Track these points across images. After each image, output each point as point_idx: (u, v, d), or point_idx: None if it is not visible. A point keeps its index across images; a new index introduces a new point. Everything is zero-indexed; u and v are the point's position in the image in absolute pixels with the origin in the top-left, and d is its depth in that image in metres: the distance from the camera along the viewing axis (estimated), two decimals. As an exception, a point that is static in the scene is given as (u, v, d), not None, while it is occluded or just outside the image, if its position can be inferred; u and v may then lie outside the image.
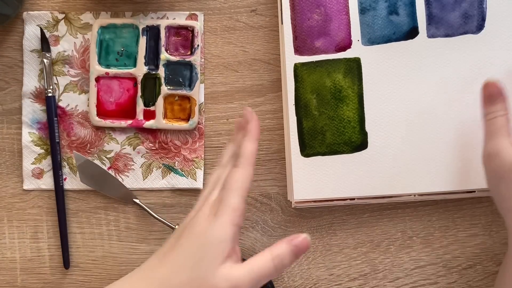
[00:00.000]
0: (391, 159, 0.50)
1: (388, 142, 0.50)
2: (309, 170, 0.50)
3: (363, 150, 0.50)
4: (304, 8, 0.50)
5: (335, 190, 0.50)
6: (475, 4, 0.50)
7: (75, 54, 0.53)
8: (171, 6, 0.53)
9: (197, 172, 0.53)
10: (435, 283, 0.53)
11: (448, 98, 0.50)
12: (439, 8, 0.50)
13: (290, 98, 0.50)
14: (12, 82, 0.53)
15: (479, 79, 0.48)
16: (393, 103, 0.50)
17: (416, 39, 0.50)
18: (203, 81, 0.53)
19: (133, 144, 0.53)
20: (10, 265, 0.53)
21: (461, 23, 0.50)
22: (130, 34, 0.52)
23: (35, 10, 0.53)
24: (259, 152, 0.53)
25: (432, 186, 0.50)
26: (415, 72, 0.50)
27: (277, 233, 0.53)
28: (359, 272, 0.53)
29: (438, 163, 0.50)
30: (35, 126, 0.53)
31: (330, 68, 0.50)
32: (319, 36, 0.50)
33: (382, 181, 0.50)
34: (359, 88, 0.50)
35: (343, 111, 0.50)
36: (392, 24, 0.50)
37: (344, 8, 0.50)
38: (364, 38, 0.50)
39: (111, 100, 0.53)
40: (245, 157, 0.42)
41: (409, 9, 0.50)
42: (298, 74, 0.50)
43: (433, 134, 0.50)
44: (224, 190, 0.41)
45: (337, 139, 0.50)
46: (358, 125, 0.50)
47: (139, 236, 0.53)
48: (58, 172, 0.52)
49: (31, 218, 0.53)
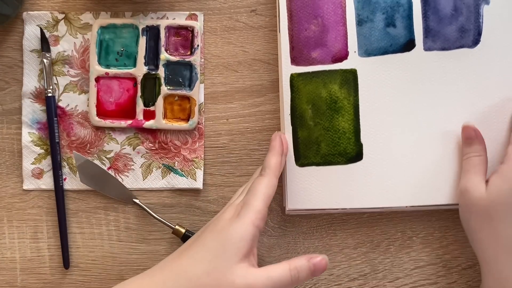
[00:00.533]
0: (386, 171, 0.50)
1: (383, 154, 0.50)
2: (303, 180, 0.50)
3: (358, 162, 0.50)
4: (302, 18, 0.50)
5: (329, 201, 0.50)
6: (471, 19, 0.50)
7: (75, 54, 0.53)
8: (171, 6, 0.53)
9: (197, 172, 0.53)
10: (435, 283, 0.53)
11: (443, 111, 0.50)
12: (436, 22, 0.50)
13: (286, 108, 0.50)
14: (12, 82, 0.53)
15: (474, 93, 0.50)
16: (388, 115, 0.50)
17: (412, 52, 0.50)
18: (203, 81, 0.53)
19: (133, 144, 0.53)
20: (10, 265, 0.53)
21: (457, 37, 0.50)
22: (130, 34, 0.52)
23: (35, 10, 0.53)
24: (259, 152, 0.53)
25: (428, 199, 0.50)
26: (411, 84, 0.50)
27: (277, 233, 0.53)
28: (359, 272, 0.53)
29: (434, 175, 0.50)
30: (35, 126, 0.53)
31: (326, 79, 0.50)
32: (316, 47, 0.50)
33: (377, 193, 0.50)
34: (355, 100, 0.50)
35: (338, 122, 0.50)
36: (389, 36, 0.50)
37: (341, 19, 0.50)
38: (361, 50, 0.50)
39: (111, 100, 0.53)
40: (270, 168, 0.46)
41: (406, 21, 0.50)
42: (294, 84, 0.50)
43: (428, 147, 0.50)
44: (248, 194, 0.44)
45: (332, 150, 0.50)
46: (353, 136, 0.50)
47: (139, 236, 0.53)
48: (58, 172, 0.52)
49: (31, 218, 0.53)
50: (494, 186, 0.46)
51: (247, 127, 0.53)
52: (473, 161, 0.48)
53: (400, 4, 0.50)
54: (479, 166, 0.48)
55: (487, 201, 0.46)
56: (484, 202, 0.46)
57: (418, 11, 0.50)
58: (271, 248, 0.53)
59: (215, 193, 0.53)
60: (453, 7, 0.50)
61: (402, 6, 0.50)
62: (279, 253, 0.53)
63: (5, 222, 0.53)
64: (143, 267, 0.53)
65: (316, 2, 0.50)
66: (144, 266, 0.53)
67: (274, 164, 0.46)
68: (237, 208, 0.44)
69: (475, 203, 0.47)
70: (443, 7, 0.50)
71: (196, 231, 0.52)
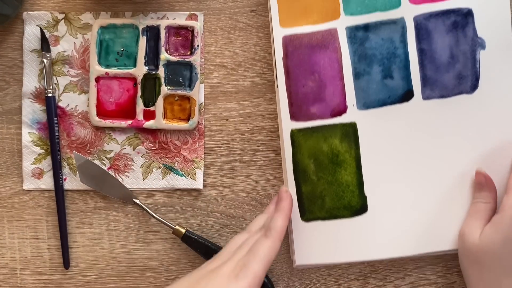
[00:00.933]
0: (391, 221, 0.50)
1: (388, 204, 0.50)
2: (310, 234, 0.50)
3: (363, 214, 0.50)
4: (299, 75, 0.50)
5: (336, 254, 0.50)
6: (468, 65, 0.50)
7: (75, 54, 0.53)
8: (171, 6, 0.53)
9: (197, 172, 0.53)
10: (435, 283, 0.53)
11: (445, 158, 0.50)
12: (434, 70, 0.50)
13: (288, 163, 0.50)
14: (12, 82, 0.53)
15: (475, 138, 0.50)
16: (390, 166, 0.50)
17: (411, 102, 0.50)
18: (203, 81, 0.53)
19: (133, 144, 0.53)
20: (10, 265, 0.53)
21: (455, 84, 0.50)
22: (130, 34, 0.52)
23: (35, 10, 0.53)
24: (259, 152, 0.53)
25: (433, 246, 0.50)
26: (412, 134, 0.50)
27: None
28: (359, 272, 0.53)
29: (438, 223, 0.50)
30: (35, 126, 0.53)
31: (327, 133, 0.50)
32: (314, 102, 0.50)
33: (383, 244, 0.50)
34: (356, 152, 0.50)
35: (341, 176, 0.50)
36: (387, 88, 0.50)
37: (338, 74, 0.50)
38: (359, 103, 0.50)
39: (111, 100, 0.53)
40: (276, 231, 0.45)
41: (403, 72, 0.50)
42: (295, 140, 0.50)
43: (431, 195, 0.50)
44: (250, 255, 0.43)
45: (337, 204, 0.50)
46: (357, 189, 0.50)
47: (139, 236, 0.53)
48: (58, 172, 0.52)
49: (31, 218, 0.53)
50: (486, 235, 0.46)
51: (247, 127, 0.53)
52: (478, 206, 0.49)
53: (397, 55, 0.50)
54: (482, 213, 0.48)
55: (478, 248, 0.46)
56: (476, 248, 0.47)
57: (414, 61, 0.50)
58: (271, 248, 0.53)
59: (215, 193, 0.53)
60: (450, 54, 0.50)
61: (399, 57, 0.50)
62: (279, 253, 0.53)
63: (5, 222, 0.53)
64: (143, 267, 0.53)
65: (312, 58, 0.50)
66: (144, 266, 0.53)
67: (281, 227, 0.45)
68: (237, 266, 0.42)
69: (468, 248, 0.48)
70: (439, 55, 0.50)
71: (196, 231, 0.52)
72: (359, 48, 0.50)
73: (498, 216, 0.46)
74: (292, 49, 0.50)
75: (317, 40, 0.50)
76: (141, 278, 0.53)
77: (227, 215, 0.53)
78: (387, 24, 0.50)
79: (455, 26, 0.49)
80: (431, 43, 0.50)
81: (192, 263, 0.53)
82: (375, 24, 0.50)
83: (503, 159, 0.50)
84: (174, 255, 0.53)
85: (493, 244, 0.45)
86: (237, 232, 0.53)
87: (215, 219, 0.53)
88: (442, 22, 0.49)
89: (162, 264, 0.53)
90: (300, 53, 0.50)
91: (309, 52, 0.50)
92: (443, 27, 0.50)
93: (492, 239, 0.46)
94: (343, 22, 0.50)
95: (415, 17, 0.50)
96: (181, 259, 0.53)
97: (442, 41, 0.50)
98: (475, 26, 0.49)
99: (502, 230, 0.45)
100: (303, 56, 0.50)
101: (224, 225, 0.53)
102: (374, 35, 0.50)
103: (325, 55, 0.50)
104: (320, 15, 0.50)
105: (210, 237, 0.53)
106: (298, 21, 0.50)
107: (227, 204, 0.53)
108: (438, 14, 0.49)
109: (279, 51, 0.50)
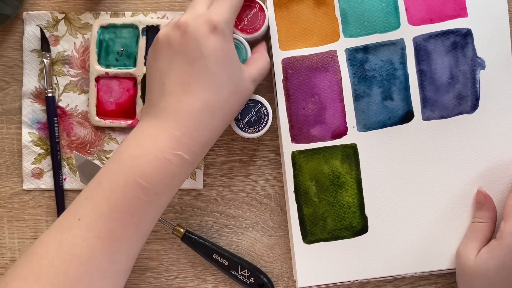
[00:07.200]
0: (391, 241, 0.50)
1: (388, 224, 0.50)
2: (312, 257, 0.50)
3: (364, 234, 0.50)
4: (299, 97, 0.50)
5: (338, 275, 0.50)
6: (468, 85, 0.50)
7: (75, 54, 0.53)
8: (171, 6, 0.53)
9: (197, 172, 0.53)
10: (435, 283, 0.53)
11: (446, 179, 0.50)
12: (433, 91, 0.50)
13: (289, 185, 0.50)
14: (12, 82, 0.53)
15: (476, 158, 0.50)
16: (391, 187, 0.50)
17: (411, 123, 0.50)
18: (203, 81, 0.53)
19: (133, 144, 0.53)
20: (10, 265, 0.53)
21: (455, 104, 0.50)
22: (130, 34, 0.52)
23: (35, 10, 0.53)
24: (259, 152, 0.53)
25: (433, 264, 0.50)
26: (412, 155, 0.50)
27: (277, 233, 0.53)
28: (359, 272, 0.53)
29: (439, 242, 0.50)
30: (35, 126, 0.53)
31: (327, 155, 0.50)
32: (314, 124, 0.50)
33: (384, 262, 0.50)
34: (357, 174, 0.50)
35: (342, 197, 0.50)
36: (387, 109, 0.50)
37: (339, 96, 0.50)
38: (360, 125, 0.50)
39: (111, 100, 0.53)
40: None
41: (403, 93, 0.50)
42: (296, 162, 0.50)
43: (432, 214, 0.50)
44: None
45: (338, 225, 0.50)
46: (358, 210, 0.50)
47: (139, 236, 0.53)
48: (58, 172, 0.52)
49: (31, 218, 0.53)
50: (482, 260, 0.46)
51: (247, 127, 0.53)
52: (475, 226, 0.49)
53: (396, 76, 0.50)
54: (479, 233, 0.48)
55: (473, 270, 0.47)
56: (470, 270, 0.47)
57: (414, 81, 0.50)
58: (271, 248, 0.53)
59: (215, 193, 0.53)
60: (450, 75, 0.50)
61: (398, 78, 0.50)
62: (279, 253, 0.53)
63: (5, 222, 0.53)
64: (143, 267, 0.53)
65: (312, 80, 0.50)
66: (144, 266, 0.53)
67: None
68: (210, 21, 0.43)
69: (462, 269, 0.48)
70: (439, 76, 0.50)
71: (196, 231, 0.52)
72: (358, 70, 0.50)
73: (496, 243, 0.46)
74: (292, 71, 0.50)
75: (317, 62, 0.50)
76: (141, 278, 0.53)
77: (227, 215, 0.53)
78: (387, 45, 0.50)
79: (455, 46, 0.49)
80: (431, 64, 0.50)
81: (192, 263, 0.53)
82: (374, 45, 0.50)
83: (504, 178, 0.50)
84: (174, 255, 0.53)
85: (487, 269, 0.46)
86: (237, 232, 0.53)
87: (215, 219, 0.53)
88: (442, 42, 0.49)
89: (162, 264, 0.53)
90: (300, 75, 0.50)
91: (309, 74, 0.50)
92: (442, 47, 0.50)
93: (487, 264, 0.46)
94: (343, 44, 0.50)
95: (414, 38, 0.50)
96: (181, 259, 0.53)
97: (441, 61, 0.50)
98: (475, 46, 0.49)
99: (498, 257, 0.45)
100: (303, 79, 0.50)
101: (224, 225, 0.53)
102: (373, 57, 0.50)
103: (325, 77, 0.50)
104: (319, 37, 0.50)
105: (210, 237, 0.53)
106: (298, 43, 0.50)
107: (227, 204, 0.53)
108: (437, 34, 0.49)
109: (279, 73, 0.50)
